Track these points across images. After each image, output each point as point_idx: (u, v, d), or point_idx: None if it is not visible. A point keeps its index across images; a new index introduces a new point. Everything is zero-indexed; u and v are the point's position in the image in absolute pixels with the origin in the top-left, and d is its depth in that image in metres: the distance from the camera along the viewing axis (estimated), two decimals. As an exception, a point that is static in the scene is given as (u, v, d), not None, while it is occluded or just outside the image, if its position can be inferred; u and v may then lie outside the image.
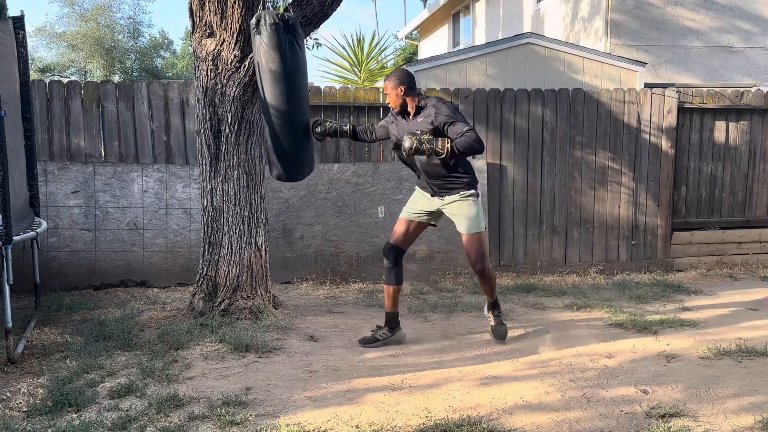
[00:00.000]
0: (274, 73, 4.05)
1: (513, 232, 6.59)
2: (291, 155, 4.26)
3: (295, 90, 4.16)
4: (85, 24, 23.85)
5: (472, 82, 7.97)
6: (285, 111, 4.13)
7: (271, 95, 4.11)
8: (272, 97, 4.11)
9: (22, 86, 4.81)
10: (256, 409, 3.14)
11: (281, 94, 4.10)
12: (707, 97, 6.89)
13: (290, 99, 4.14)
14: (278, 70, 4.05)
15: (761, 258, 7.03)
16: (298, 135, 4.24)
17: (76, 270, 5.78)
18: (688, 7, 10.90)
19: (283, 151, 4.24)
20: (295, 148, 4.26)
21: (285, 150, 4.24)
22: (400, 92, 4.14)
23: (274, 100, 4.11)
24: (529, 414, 3.10)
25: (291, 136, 4.22)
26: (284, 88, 4.09)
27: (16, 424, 2.96)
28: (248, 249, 4.81)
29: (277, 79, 4.07)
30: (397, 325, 4.36)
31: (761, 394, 3.29)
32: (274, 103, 4.11)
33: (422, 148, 3.93)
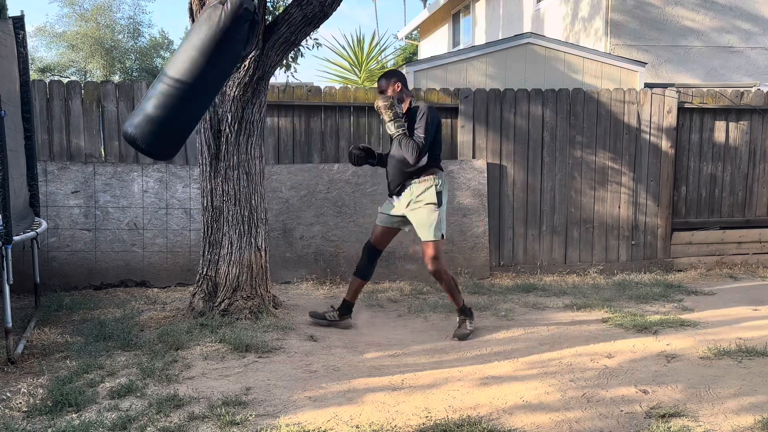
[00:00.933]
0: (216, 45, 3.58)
1: (513, 232, 6.59)
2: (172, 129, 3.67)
3: (220, 73, 3.78)
4: (85, 24, 23.85)
5: (472, 82, 7.97)
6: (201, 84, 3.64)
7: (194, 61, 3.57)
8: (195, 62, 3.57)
9: (22, 86, 4.81)
10: (256, 409, 3.14)
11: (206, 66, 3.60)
12: (707, 97, 6.89)
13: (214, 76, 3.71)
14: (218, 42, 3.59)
15: (761, 258, 7.03)
16: (194, 114, 3.81)
17: (76, 270, 5.78)
18: (688, 7, 10.90)
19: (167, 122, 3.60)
20: (182, 125, 3.73)
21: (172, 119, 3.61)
22: (397, 88, 4.29)
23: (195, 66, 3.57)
24: (529, 414, 3.10)
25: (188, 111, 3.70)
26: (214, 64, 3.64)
27: (16, 424, 2.95)
28: (248, 249, 4.81)
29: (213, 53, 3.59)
30: (348, 313, 4.66)
31: (761, 394, 3.29)
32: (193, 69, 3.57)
33: (391, 110, 4.17)
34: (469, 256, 6.38)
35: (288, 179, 6.11)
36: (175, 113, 3.63)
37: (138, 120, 3.60)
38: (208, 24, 3.63)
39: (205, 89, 3.76)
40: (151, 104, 3.60)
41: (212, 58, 3.65)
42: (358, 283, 4.63)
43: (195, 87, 3.63)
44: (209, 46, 3.63)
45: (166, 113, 3.60)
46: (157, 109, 3.58)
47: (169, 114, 3.61)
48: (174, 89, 3.59)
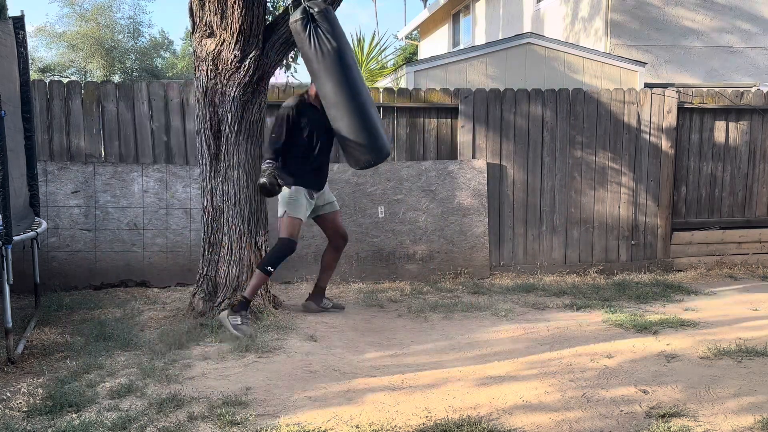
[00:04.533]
0: (340, 52, 4.15)
1: (513, 232, 6.59)
2: (377, 128, 4.35)
3: (357, 67, 4.32)
4: (85, 24, 23.85)
5: (472, 82, 7.98)
6: (359, 88, 4.25)
7: (344, 75, 4.18)
8: (345, 76, 4.18)
9: (22, 86, 4.81)
10: (256, 409, 3.14)
11: (352, 72, 4.21)
12: (707, 97, 6.89)
13: (359, 75, 4.30)
14: (342, 49, 4.16)
15: (761, 258, 7.03)
16: (373, 109, 4.38)
17: (76, 270, 5.78)
18: (688, 7, 10.91)
19: (370, 127, 4.30)
20: (377, 119, 4.38)
21: (371, 125, 4.30)
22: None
23: (347, 79, 4.19)
24: (529, 414, 3.10)
25: (369, 110, 4.31)
26: (352, 66, 4.22)
27: (16, 424, 2.96)
28: (248, 249, 4.81)
29: (344, 58, 4.17)
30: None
31: (761, 394, 3.29)
32: (348, 82, 4.19)
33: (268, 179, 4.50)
34: (469, 256, 6.38)
35: (288, 179, 6.10)
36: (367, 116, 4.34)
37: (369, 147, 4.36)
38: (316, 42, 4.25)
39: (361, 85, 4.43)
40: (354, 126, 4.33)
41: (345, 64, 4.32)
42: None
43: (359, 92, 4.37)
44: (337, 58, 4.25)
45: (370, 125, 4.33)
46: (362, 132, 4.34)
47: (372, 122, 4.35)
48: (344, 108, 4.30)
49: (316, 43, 4.13)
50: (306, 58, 4.28)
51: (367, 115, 4.28)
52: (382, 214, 6.24)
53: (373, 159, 4.44)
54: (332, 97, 4.24)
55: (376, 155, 4.42)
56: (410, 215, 6.27)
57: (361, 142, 4.29)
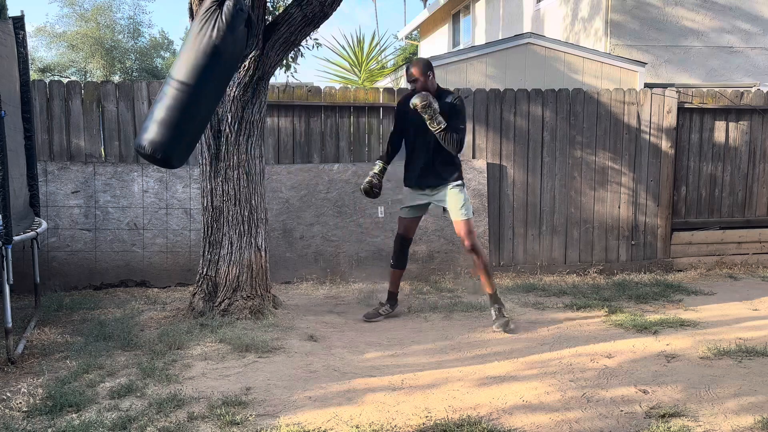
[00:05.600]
0: (216, 47, 3.67)
1: (513, 232, 6.59)
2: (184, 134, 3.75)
3: (223, 74, 3.86)
4: (85, 24, 23.86)
5: (472, 82, 7.98)
6: (207, 88, 3.73)
7: (199, 66, 3.66)
8: (199, 69, 3.66)
9: (22, 86, 4.81)
10: (256, 409, 3.14)
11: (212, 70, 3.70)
12: (707, 97, 6.89)
13: (218, 79, 3.82)
14: (219, 45, 3.68)
15: (761, 258, 7.03)
16: (202, 119, 3.88)
17: (76, 270, 5.78)
18: (688, 8, 10.90)
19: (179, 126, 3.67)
20: (193, 130, 3.82)
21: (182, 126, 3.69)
22: (427, 78, 4.59)
23: (199, 72, 3.66)
24: (529, 414, 3.10)
25: (196, 115, 3.77)
26: (217, 67, 3.73)
27: (16, 424, 2.95)
28: (248, 249, 4.81)
29: (214, 54, 3.68)
30: (396, 302, 5.04)
31: (761, 394, 3.30)
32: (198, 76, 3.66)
33: (427, 111, 4.43)
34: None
35: (288, 179, 6.11)
36: (182, 116, 3.67)
37: (149, 131, 3.67)
38: (207, 26, 3.68)
39: (208, 91, 3.79)
40: (159, 110, 3.67)
41: (212, 60, 3.70)
42: (397, 273, 5.02)
43: (198, 89, 3.68)
44: (208, 49, 3.68)
45: (173, 116, 3.66)
46: (165, 112, 3.65)
47: (177, 117, 3.66)
48: (179, 92, 3.65)
49: (206, 25, 3.67)
50: (190, 32, 3.86)
51: (185, 115, 3.70)
52: (382, 214, 6.24)
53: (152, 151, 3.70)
54: (174, 78, 3.70)
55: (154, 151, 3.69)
56: (410, 215, 6.27)
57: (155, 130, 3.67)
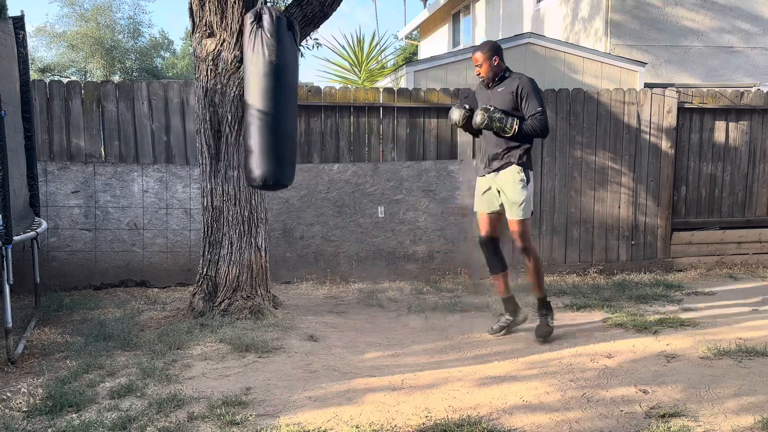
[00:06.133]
0: (275, 65, 3.94)
1: (513, 232, 6.58)
2: (283, 155, 4.06)
3: (291, 85, 4.09)
4: (85, 24, 23.85)
5: (472, 82, 7.96)
6: (282, 106, 3.99)
7: (268, 89, 3.94)
8: (269, 91, 3.94)
9: (22, 86, 4.81)
10: (256, 409, 3.14)
11: (280, 87, 3.97)
12: (707, 97, 6.89)
13: (289, 93, 4.06)
14: (280, 63, 3.94)
15: (761, 258, 7.03)
16: (291, 134, 4.12)
17: (76, 270, 5.78)
18: (688, 7, 10.90)
19: (275, 150, 4.01)
20: (289, 147, 4.12)
21: (278, 149, 4.01)
22: (495, 62, 4.28)
23: (270, 94, 3.95)
24: (529, 414, 3.10)
25: (285, 134, 4.05)
26: (284, 81, 3.99)
27: (16, 424, 2.96)
28: (248, 249, 4.81)
29: (277, 71, 3.95)
30: (516, 306, 4.53)
31: (761, 394, 3.29)
32: (270, 98, 3.95)
33: (492, 126, 4.19)
34: (470, 256, 6.38)
35: (288, 179, 6.10)
36: (275, 139, 4.00)
37: (255, 165, 4.01)
38: (257, 48, 3.97)
39: (287, 107, 4.06)
40: (253, 140, 4.00)
41: (276, 78, 3.98)
42: (499, 277, 4.52)
43: (277, 110, 3.99)
44: (268, 69, 3.96)
45: (268, 142, 4.00)
46: (259, 141, 4.00)
47: (272, 142, 4.00)
48: (261, 120, 3.97)
49: (255, 46, 3.95)
50: (244, 57, 4.13)
51: (276, 138, 4.00)
52: (382, 214, 6.24)
53: (262, 183, 4.12)
54: (251, 105, 4.03)
55: (264, 181, 4.09)
56: (410, 215, 6.28)
57: (260, 162, 4.02)
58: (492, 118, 4.17)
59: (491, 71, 4.30)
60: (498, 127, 4.17)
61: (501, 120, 4.16)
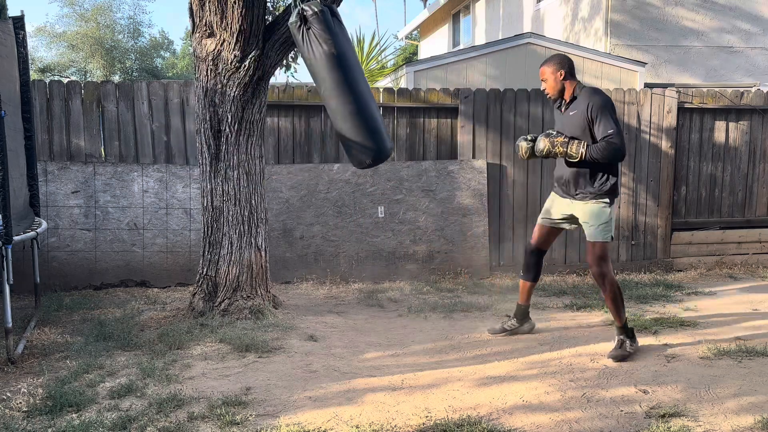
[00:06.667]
0: (334, 55, 3.99)
1: (513, 233, 6.59)
2: (376, 129, 4.16)
3: (357, 68, 4.16)
4: (85, 24, 23.85)
5: (472, 82, 7.98)
6: (356, 89, 4.06)
7: (338, 77, 4.02)
8: (339, 79, 4.02)
9: (22, 86, 4.81)
10: (256, 409, 3.14)
11: (348, 73, 4.04)
12: (707, 97, 6.89)
13: (358, 76, 4.12)
14: (337, 51, 4.00)
15: (761, 258, 7.03)
16: (372, 109, 4.16)
17: (76, 270, 5.78)
18: (688, 8, 10.91)
19: (369, 128, 4.10)
20: (376, 119, 4.20)
21: (370, 126, 4.11)
22: (559, 76, 3.96)
23: (342, 81, 4.02)
24: (529, 414, 3.10)
25: (367, 111, 4.11)
26: (348, 67, 4.05)
27: (16, 424, 2.96)
28: (248, 249, 4.81)
29: (338, 60, 4.00)
30: (526, 317, 4.47)
31: (761, 394, 3.30)
32: (343, 84, 4.03)
33: (554, 151, 3.90)
34: (469, 256, 6.38)
35: (288, 179, 6.11)
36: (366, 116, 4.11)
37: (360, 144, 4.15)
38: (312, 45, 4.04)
39: (361, 89, 4.16)
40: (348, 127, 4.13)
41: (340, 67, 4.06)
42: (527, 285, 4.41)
43: (354, 95, 4.08)
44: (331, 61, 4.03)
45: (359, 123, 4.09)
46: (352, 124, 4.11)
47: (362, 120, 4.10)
48: (347, 106, 4.08)
49: (310, 46, 4.06)
50: (304, 59, 4.25)
51: (365, 117, 4.14)
52: (382, 214, 6.24)
53: (372, 160, 4.26)
54: (330, 100, 4.13)
55: (375, 156, 4.24)
56: (410, 215, 6.28)
57: (362, 143, 4.16)
58: (554, 143, 3.87)
59: (557, 87, 3.98)
60: (561, 152, 3.86)
61: (564, 144, 3.85)
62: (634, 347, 3.99)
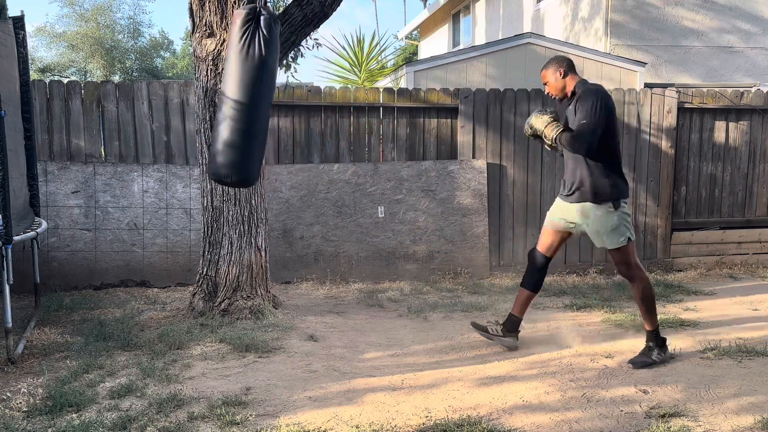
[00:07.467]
0: (268, 66, 3.74)
1: (513, 233, 6.59)
2: (255, 154, 3.81)
3: (272, 85, 3.91)
4: (85, 24, 23.87)
5: (472, 82, 7.98)
6: (265, 105, 3.79)
7: (252, 85, 3.71)
8: (253, 87, 3.71)
9: (22, 86, 4.81)
10: (256, 409, 3.14)
11: (265, 86, 3.76)
12: (707, 97, 6.89)
13: (269, 92, 3.86)
14: (271, 63, 3.76)
15: (761, 258, 7.03)
16: (264, 132, 3.89)
17: (76, 270, 5.78)
18: (688, 8, 10.90)
19: (250, 149, 3.75)
20: (261, 145, 3.88)
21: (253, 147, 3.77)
22: (559, 75, 3.84)
23: (254, 91, 3.72)
24: (529, 414, 3.10)
25: (260, 131, 3.81)
26: (268, 80, 3.79)
27: (16, 424, 2.96)
28: (248, 249, 4.81)
29: (267, 70, 3.75)
30: (514, 330, 4.15)
31: (761, 394, 3.30)
32: (253, 94, 3.71)
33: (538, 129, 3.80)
34: (469, 256, 6.38)
35: (288, 179, 6.11)
36: (247, 134, 3.70)
37: (221, 156, 3.68)
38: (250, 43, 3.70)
39: (264, 103, 3.81)
40: (224, 132, 3.67)
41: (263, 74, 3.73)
42: (525, 294, 4.14)
43: (255, 105, 3.71)
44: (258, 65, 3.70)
45: (239, 137, 3.67)
46: (231, 134, 3.67)
47: (243, 136, 3.68)
48: (238, 112, 3.68)
49: (248, 41, 3.67)
50: (230, 51, 3.82)
51: (253, 135, 3.76)
52: (382, 214, 6.24)
53: (233, 181, 3.79)
54: (229, 98, 3.74)
55: (239, 179, 3.77)
56: (410, 215, 6.28)
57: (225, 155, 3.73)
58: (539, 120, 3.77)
59: (559, 86, 3.86)
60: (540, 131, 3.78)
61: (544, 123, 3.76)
62: (662, 357, 3.80)
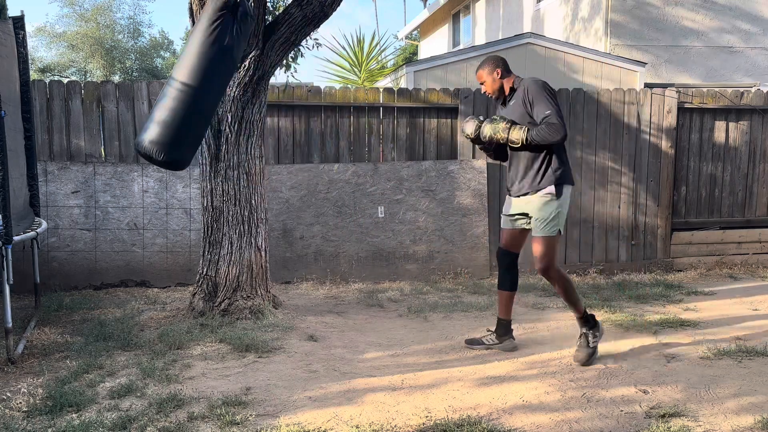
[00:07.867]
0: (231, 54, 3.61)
1: (513, 232, 6.58)
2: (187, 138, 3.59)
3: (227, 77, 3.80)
4: (85, 24, 23.86)
5: (472, 82, 7.97)
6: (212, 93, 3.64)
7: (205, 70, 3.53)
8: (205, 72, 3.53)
9: (22, 86, 4.81)
10: (256, 409, 3.14)
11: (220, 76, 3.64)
12: (707, 97, 6.89)
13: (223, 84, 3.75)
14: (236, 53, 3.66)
15: (761, 258, 7.03)
16: (205, 122, 3.76)
17: (76, 270, 5.78)
18: (688, 8, 10.90)
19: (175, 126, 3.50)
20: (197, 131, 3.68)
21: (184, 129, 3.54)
22: (496, 76, 3.94)
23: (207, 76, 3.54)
24: (529, 414, 3.10)
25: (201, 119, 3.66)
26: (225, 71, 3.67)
27: (16, 424, 2.95)
28: (248, 249, 4.81)
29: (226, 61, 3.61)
30: (507, 333, 4.15)
31: (761, 394, 3.30)
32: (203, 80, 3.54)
33: (496, 138, 3.82)
34: (469, 256, 6.38)
35: (288, 179, 6.11)
36: (186, 117, 3.52)
37: (149, 131, 3.49)
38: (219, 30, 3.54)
39: (214, 92, 3.67)
40: (161, 110, 3.51)
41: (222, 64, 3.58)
42: (505, 295, 4.14)
43: (204, 90, 3.55)
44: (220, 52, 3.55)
45: (176, 118, 3.49)
46: (168, 113, 3.49)
47: (181, 118, 3.51)
48: (183, 93, 3.51)
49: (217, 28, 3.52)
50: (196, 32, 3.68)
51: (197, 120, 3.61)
52: (382, 214, 6.24)
53: (162, 162, 3.58)
54: (180, 78, 3.56)
55: (168, 159, 3.56)
56: (410, 215, 6.28)
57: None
58: (496, 129, 3.80)
59: (496, 86, 3.97)
60: (503, 138, 3.79)
61: (505, 130, 3.78)
62: (597, 337, 3.90)
